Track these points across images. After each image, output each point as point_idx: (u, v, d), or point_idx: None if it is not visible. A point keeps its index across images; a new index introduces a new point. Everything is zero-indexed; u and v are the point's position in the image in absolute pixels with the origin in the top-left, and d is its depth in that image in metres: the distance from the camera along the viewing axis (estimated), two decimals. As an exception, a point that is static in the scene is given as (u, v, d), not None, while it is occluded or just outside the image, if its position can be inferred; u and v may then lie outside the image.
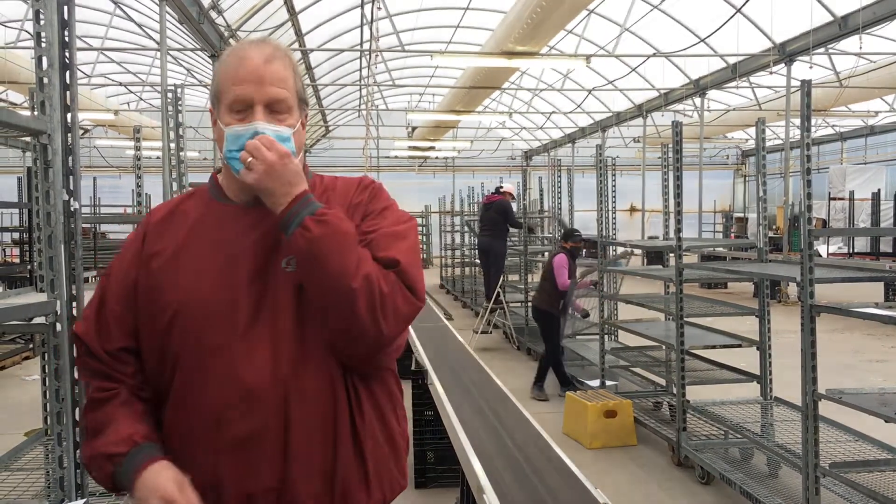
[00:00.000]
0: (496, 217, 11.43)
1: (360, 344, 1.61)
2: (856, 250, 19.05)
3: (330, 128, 28.10)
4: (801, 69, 14.96)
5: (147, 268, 1.69)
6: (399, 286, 1.60)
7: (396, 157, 28.40)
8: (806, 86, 4.04)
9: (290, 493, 1.60)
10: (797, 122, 5.09)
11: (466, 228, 13.88)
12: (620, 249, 8.76)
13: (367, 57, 16.24)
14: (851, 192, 20.42)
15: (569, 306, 8.02)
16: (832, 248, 20.15)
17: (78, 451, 2.44)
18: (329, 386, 1.63)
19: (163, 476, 1.54)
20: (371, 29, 14.03)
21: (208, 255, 1.67)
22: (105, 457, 1.61)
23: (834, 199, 21.67)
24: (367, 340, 1.60)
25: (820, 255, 16.54)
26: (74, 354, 2.39)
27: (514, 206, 11.99)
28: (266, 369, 1.59)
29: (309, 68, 18.95)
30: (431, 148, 25.93)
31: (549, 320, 8.05)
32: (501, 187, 12.00)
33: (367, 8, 13.62)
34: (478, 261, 12.48)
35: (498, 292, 11.08)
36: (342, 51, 17.81)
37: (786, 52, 14.05)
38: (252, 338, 1.60)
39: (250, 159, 1.57)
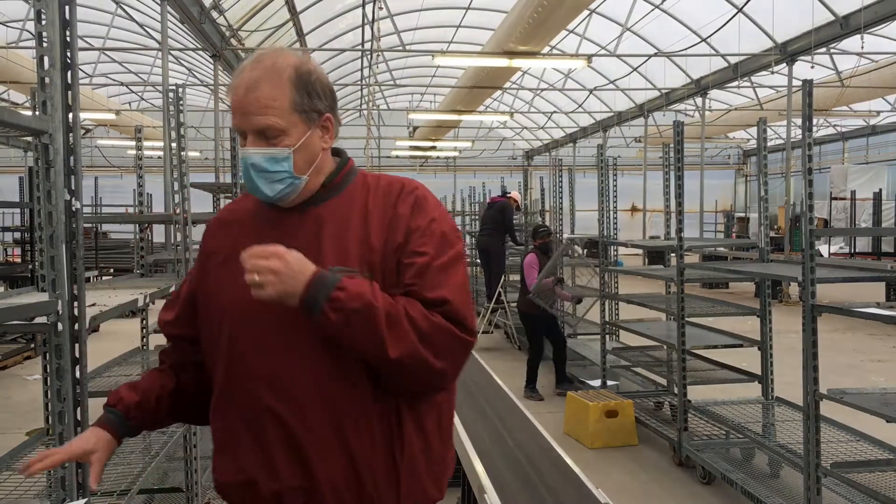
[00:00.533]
0: (497, 216, 11.43)
1: (418, 385, 1.68)
2: (857, 250, 19.04)
3: (331, 127, 28.03)
4: (803, 69, 14.95)
5: (204, 268, 1.81)
6: (446, 327, 1.62)
7: (398, 156, 28.39)
8: (807, 85, 4.03)
9: (317, 494, 1.64)
10: (799, 121, 5.09)
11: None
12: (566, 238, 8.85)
13: (369, 57, 16.25)
14: (853, 192, 20.41)
15: (551, 301, 7.98)
16: (834, 248, 20.13)
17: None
18: (367, 393, 1.65)
19: (79, 437, 1.79)
20: (372, 28, 14.03)
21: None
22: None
23: (835, 198, 21.65)
24: (423, 384, 1.67)
25: (821, 255, 16.53)
26: (76, 351, 2.40)
27: (517, 216, 12.03)
28: (305, 373, 1.63)
29: (310, 68, 18.93)
30: (433, 148, 25.91)
31: (531, 322, 8.09)
32: (508, 192, 12.00)
33: (369, 7, 13.61)
34: (479, 261, 12.48)
35: (499, 292, 11.08)
36: (343, 50, 17.81)
37: (787, 52, 14.04)
38: (292, 342, 1.64)
39: (257, 278, 1.56)
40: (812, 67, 14.90)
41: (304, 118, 1.71)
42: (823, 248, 19.10)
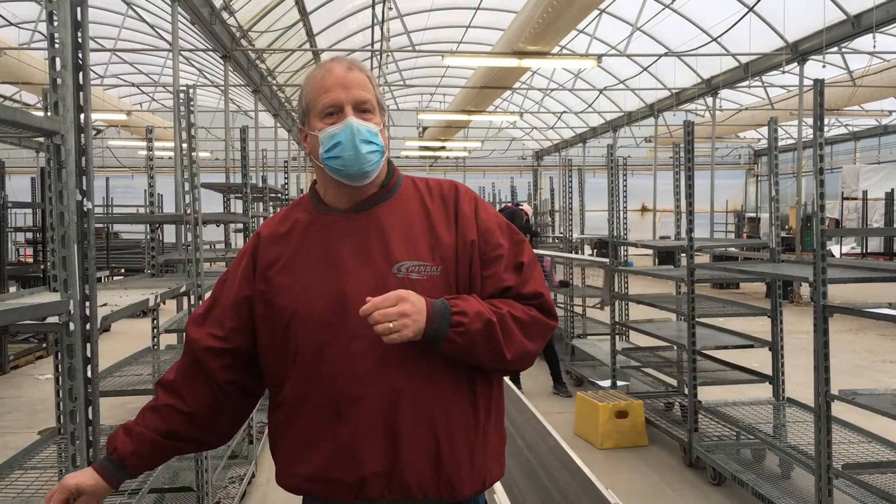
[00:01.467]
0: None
1: (512, 369, 1.84)
2: (869, 250, 18.94)
3: (341, 128, 28.09)
4: (814, 68, 14.88)
5: (263, 278, 1.84)
6: (541, 319, 1.81)
7: (407, 157, 28.40)
8: (819, 85, 4.01)
9: (398, 478, 1.72)
10: (810, 121, 5.06)
11: None
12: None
13: (378, 57, 16.25)
14: (864, 192, 20.31)
15: None
16: (845, 249, 20.04)
17: (91, 450, 2.45)
18: (451, 382, 1.75)
19: (79, 473, 1.86)
20: (382, 29, 14.04)
21: (316, 263, 1.79)
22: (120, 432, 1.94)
23: (847, 198, 21.54)
24: (518, 368, 1.87)
25: (833, 256, 16.46)
26: (88, 350, 2.41)
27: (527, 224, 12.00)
28: (376, 366, 1.71)
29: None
30: (442, 148, 25.91)
31: None
32: (521, 204, 11.95)
33: (378, 8, 13.62)
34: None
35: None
36: (353, 51, 17.82)
37: (798, 52, 13.98)
38: (362, 337, 1.71)
39: (392, 325, 1.62)
40: (823, 67, 14.83)
41: (380, 112, 1.85)
42: (835, 249, 19.00)
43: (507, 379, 5.75)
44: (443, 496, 1.74)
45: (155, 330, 5.34)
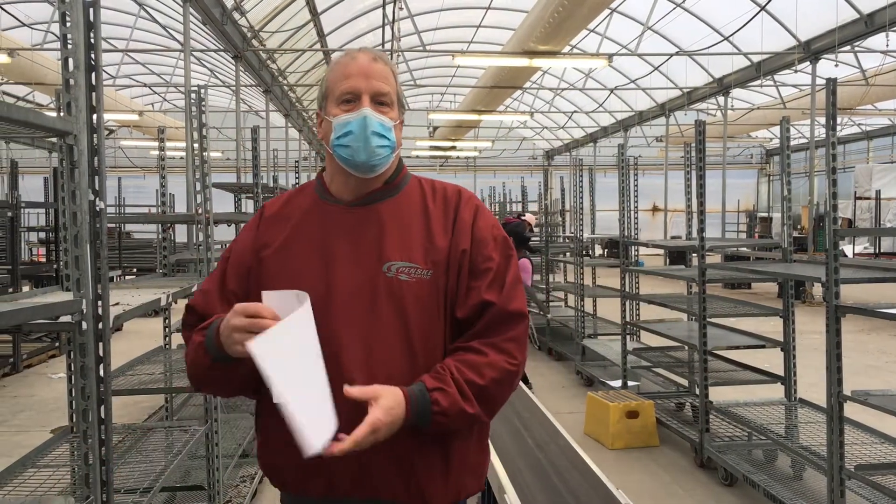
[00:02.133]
0: (510, 236, 11.29)
1: None
2: (882, 250, 18.83)
3: (352, 128, 28.14)
4: (827, 67, 14.80)
5: (257, 257, 1.82)
6: (514, 370, 1.76)
7: (418, 156, 28.42)
8: (831, 84, 3.99)
9: (366, 479, 1.71)
10: (822, 120, 5.04)
11: None
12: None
13: (389, 57, 16.26)
14: (878, 192, 20.17)
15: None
16: (858, 248, 19.92)
17: (103, 449, 2.47)
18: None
19: (239, 304, 1.63)
20: (393, 29, 14.05)
21: (310, 252, 1.77)
22: (196, 333, 1.78)
23: (860, 198, 21.41)
24: None
25: (845, 255, 16.36)
26: (101, 350, 2.42)
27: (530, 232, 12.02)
28: (354, 363, 1.68)
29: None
30: (453, 148, 25.91)
31: None
32: (523, 214, 11.90)
33: (389, 8, 13.64)
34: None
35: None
36: (364, 51, 17.82)
37: (811, 50, 13.91)
38: (344, 332, 1.70)
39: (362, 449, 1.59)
40: (836, 66, 14.76)
41: (399, 107, 1.83)
42: (848, 249, 18.89)
43: (522, 384, 5.74)
44: (414, 503, 1.74)
45: (167, 329, 5.36)
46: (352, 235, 1.77)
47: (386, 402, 1.60)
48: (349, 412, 1.61)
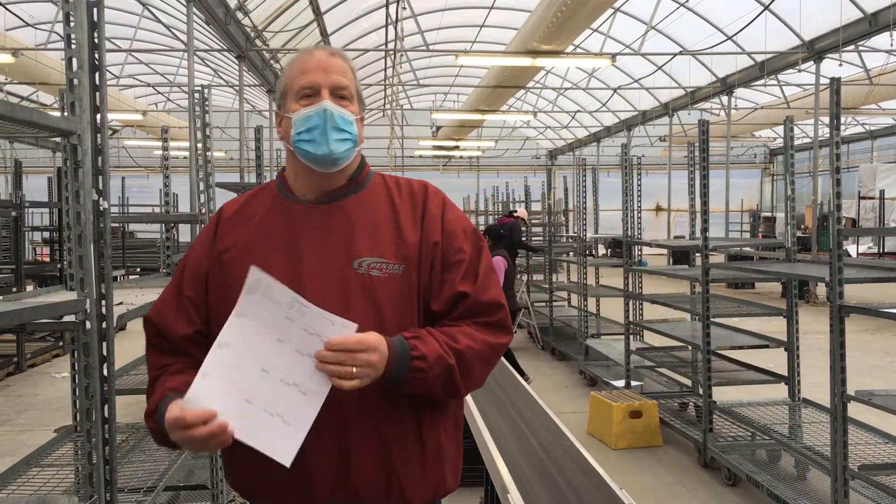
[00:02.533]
0: (505, 236, 11.25)
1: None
2: (886, 250, 18.79)
3: (355, 127, 28.15)
4: (831, 67, 14.76)
5: (219, 261, 1.77)
6: (497, 344, 1.76)
7: (421, 156, 28.41)
8: (835, 83, 3.99)
9: (347, 478, 1.68)
10: (826, 120, 5.03)
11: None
12: None
13: (392, 56, 16.27)
14: (882, 192, 20.14)
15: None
16: (862, 248, 19.89)
17: (107, 448, 2.47)
18: (389, 389, 1.67)
19: (168, 413, 1.58)
20: (396, 28, 14.05)
21: (275, 252, 1.73)
22: (149, 419, 1.72)
23: (864, 198, 21.37)
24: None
25: (849, 255, 16.32)
26: (104, 349, 2.43)
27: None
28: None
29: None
30: (456, 147, 25.90)
31: None
32: (515, 211, 11.90)
33: (392, 8, 13.64)
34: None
35: (522, 292, 11.06)
36: (367, 51, 17.86)
37: (815, 50, 13.88)
38: None
39: (354, 370, 1.56)
40: (840, 65, 14.71)
41: (359, 103, 1.82)
42: (851, 248, 18.87)
43: (525, 384, 5.74)
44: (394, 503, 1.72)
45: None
46: (319, 233, 1.73)
47: (370, 336, 1.59)
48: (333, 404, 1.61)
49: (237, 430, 1.54)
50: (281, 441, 1.56)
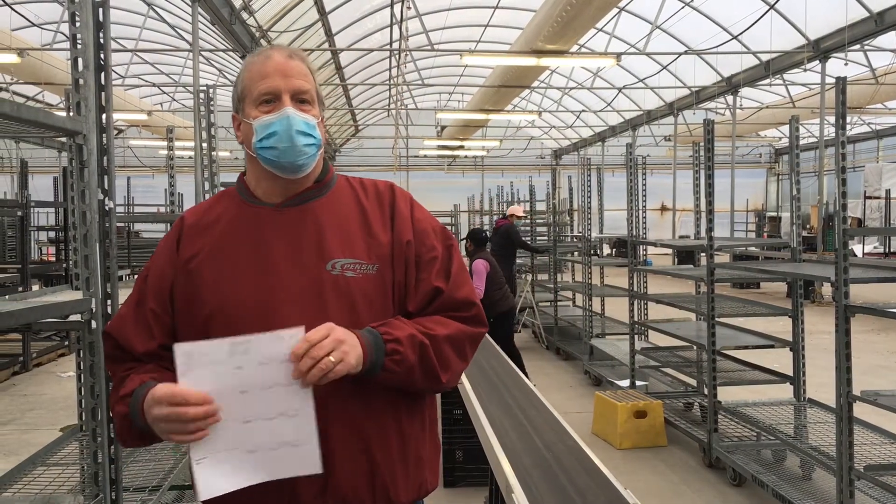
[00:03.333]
0: (503, 241, 11.23)
1: (445, 390, 1.81)
2: (892, 250, 18.74)
3: (359, 127, 28.22)
4: (836, 66, 14.72)
5: (184, 270, 1.72)
6: (471, 332, 1.76)
7: (425, 156, 28.41)
8: (841, 83, 3.98)
9: (332, 485, 1.64)
10: (832, 119, 5.02)
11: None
12: None
13: (397, 56, 16.28)
14: (887, 191, 20.08)
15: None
16: (868, 248, 19.83)
17: (112, 447, 2.48)
18: (369, 385, 1.65)
19: (160, 387, 1.54)
20: (401, 28, 14.05)
21: (244, 257, 1.70)
22: (118, 403, 1.66)
23: (870, 197, 21.32)
24: (451, 387, 1.81)
25: (855, 255, 16.29)
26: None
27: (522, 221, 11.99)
28: None
29: (338, 68, 19.03)
30: (460, 147, 25.90)
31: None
32: (506, 214, 11.80)
33: (397, 7, 13.64)
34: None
35: (527, 291, 11.05)
36: (371, 50, 17.87)
37: (820, 49, 13.85)
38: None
39: (333, 357, 1.52)
40: (846, 65, 14.67)
41: (319, 104, 1.78)
42: (857, 248, 18.81)
43: (530, 384, 5.73)
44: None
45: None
46: (288, 236, 1.70)
47: (324, 325, 1.55)
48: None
49: (262, 476, 1.54)
50: (301, 460, 1.55)
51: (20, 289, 9.16)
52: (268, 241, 1.70)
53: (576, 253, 11.24)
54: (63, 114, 2.64)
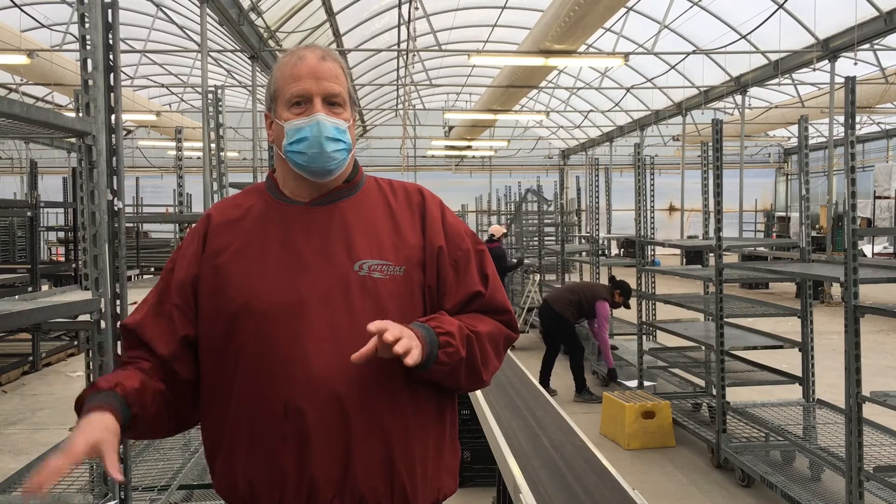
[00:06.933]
0: (498, 263, 11.10)
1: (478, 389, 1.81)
2: (902, 250, 18.65)
3: (368, 127, 28.24)
4: (846, 65, 14.65)
5: (211, 265, 1.72)
6: (508, 334, 1.81)
7: (433, 156, 28.41)
8: (850, 82, 3.96)
9: (351, 484, 1.63)
10: (841, 119, 5.00)
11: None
12: None
13: (405, 57, 16.29)
14: (897, 191, 19.98)
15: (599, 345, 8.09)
16: (877, 248, 19.75)
17: (121, 447, 2.48)
18: (393, 386, 1.66)
19: (93, 422, 1.52)
20: (408, 29, 14.06)
21: (272, 255, 1.70)
22: (91, 388, 1.67)
23: (879, 197, 21.22)
24: (482, 387, 1.84)
25: (865, 255, 16.22)
26: (119, 348, 2.44)
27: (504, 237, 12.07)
28: (332, 367, 1.61)
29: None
30: (468, 147, 25.89)
31: (568, 326, 7.96)
32: (493, 236, 11.69)
33: (405, 8, 13.65)
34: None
35: (534, 293, 11.03)
36: (379, 51, 17.88)
37: (829, 49, 13.79)
38: (319, 335, 1.63)
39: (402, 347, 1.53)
40: (855, 64, 14.60)
41: (351, 106, 1.77)
42: (867, 248, 18.73)
43: (537, 384, 5.73)
44: None
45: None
46: (316, 235, 1.70)
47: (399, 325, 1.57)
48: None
49: None
50: None
51: (30, 289, 9.21)
52: (295, 240, 1.70)
53: (584, 253, 11.22)
54: (72, 114, 2.65)
